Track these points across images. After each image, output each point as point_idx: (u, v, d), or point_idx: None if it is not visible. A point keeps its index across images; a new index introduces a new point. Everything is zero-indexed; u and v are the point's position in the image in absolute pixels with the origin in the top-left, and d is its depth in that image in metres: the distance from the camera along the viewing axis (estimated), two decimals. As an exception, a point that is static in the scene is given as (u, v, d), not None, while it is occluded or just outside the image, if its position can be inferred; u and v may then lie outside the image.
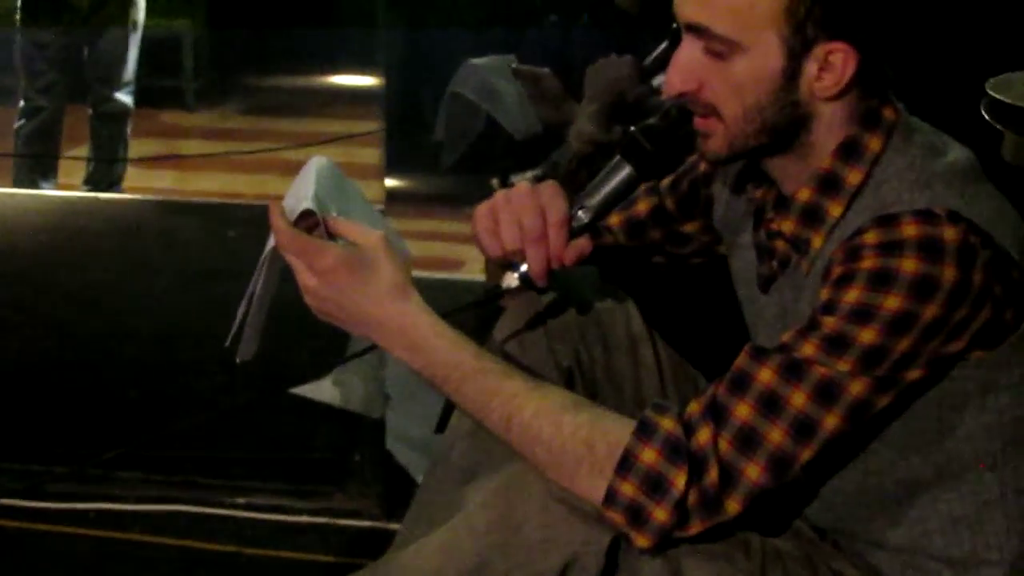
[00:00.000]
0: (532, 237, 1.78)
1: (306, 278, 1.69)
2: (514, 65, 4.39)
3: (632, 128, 1.77)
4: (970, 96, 1.55)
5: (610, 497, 1.60)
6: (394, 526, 2.27)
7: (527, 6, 5.20)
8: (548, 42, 4.83)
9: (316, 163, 1.96)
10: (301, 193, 1.84)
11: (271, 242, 1.74)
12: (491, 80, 4.42)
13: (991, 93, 0.92)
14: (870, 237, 1.58)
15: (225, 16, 7.70)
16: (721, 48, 1.63)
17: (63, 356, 3.50)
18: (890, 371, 1.58)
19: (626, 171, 1.78)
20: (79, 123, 5.62)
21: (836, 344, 1.57)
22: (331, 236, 1.73)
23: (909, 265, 1.55)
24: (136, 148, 5.75)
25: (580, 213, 1.80)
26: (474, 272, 3.88)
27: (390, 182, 5.14)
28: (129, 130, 5.65)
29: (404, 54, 5.29)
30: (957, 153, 1.69)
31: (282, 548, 2.52)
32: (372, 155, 5.32)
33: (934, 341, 1.58)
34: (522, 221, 1.78)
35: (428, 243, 4.59)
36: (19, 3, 5.38)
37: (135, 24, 5.47)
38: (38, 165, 5.50)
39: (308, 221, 1.74)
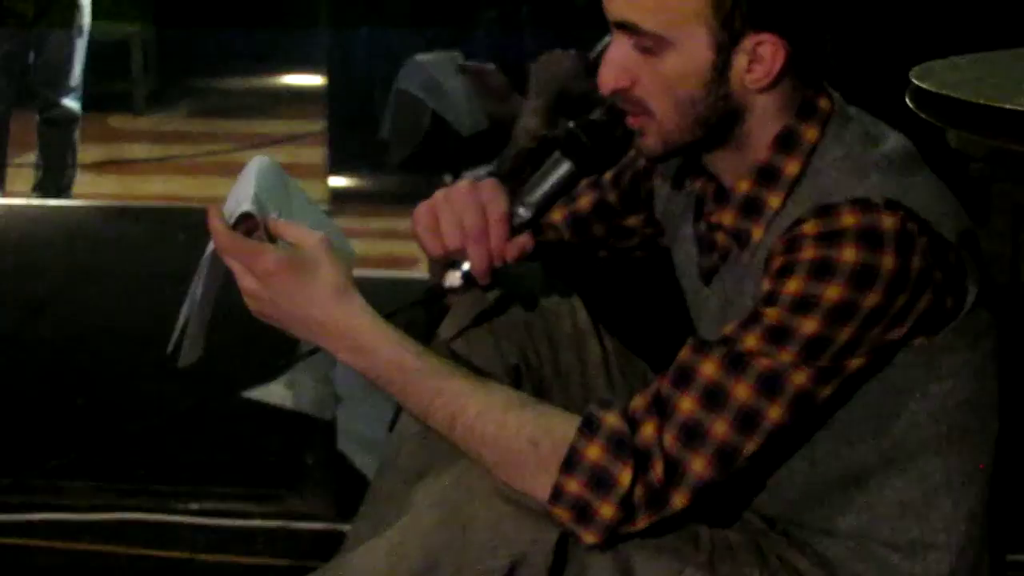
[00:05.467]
0: (473, 235, 1.77)
1: (246, 281, 1.68)
2: (460, 61, 4.39)
3: (571, 123, 1.77)
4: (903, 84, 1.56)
5: (556, 495, 1.60)
6: (348, 527, 2.25)
7: (471, 1, 5.22)
8: (493, 37, 4.84)
9: (258, 163, 1.93)
10: (241, 195, 1.82)
11: (210, 247, 1.73)
12: (437, 76, 4.42)
13: (914, 81, 0.93)
14: (809, 228, 1.58)
15: (171, 19, 7.68)
16: (650, 44, 1.63)
17: (8, 363, 3.46)
18: (833, 360, 1.59)
19: (566, 166, 1.78)
20: (26, 129, 5.58)
21: (778, 335, 1.57)
22: (271, 238, 1.72)
23: (848, 254, 1.55)
24: (84, 153, 5.71)
25: (521, 210, 1.79)
26: (424, 271, 3.88)
27: (334, 181, 5.15)
28: (77, 135, 5.61)
29: (347, 53, 5.29)
30: (894, 141, 1.70)
31: (235, 553, 2.51)
32: (317, 155, 5.33)
33: (876, 329, 1.59)
34: (463, 219, 1.77)
35: (379, 241, 4.59)
36: (-39, 9, 5.35)
37: (80, 28, 5.44)
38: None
39: (248, 223, 1.72)
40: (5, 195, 5.45)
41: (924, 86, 0.96)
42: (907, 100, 0.98)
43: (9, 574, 2.47)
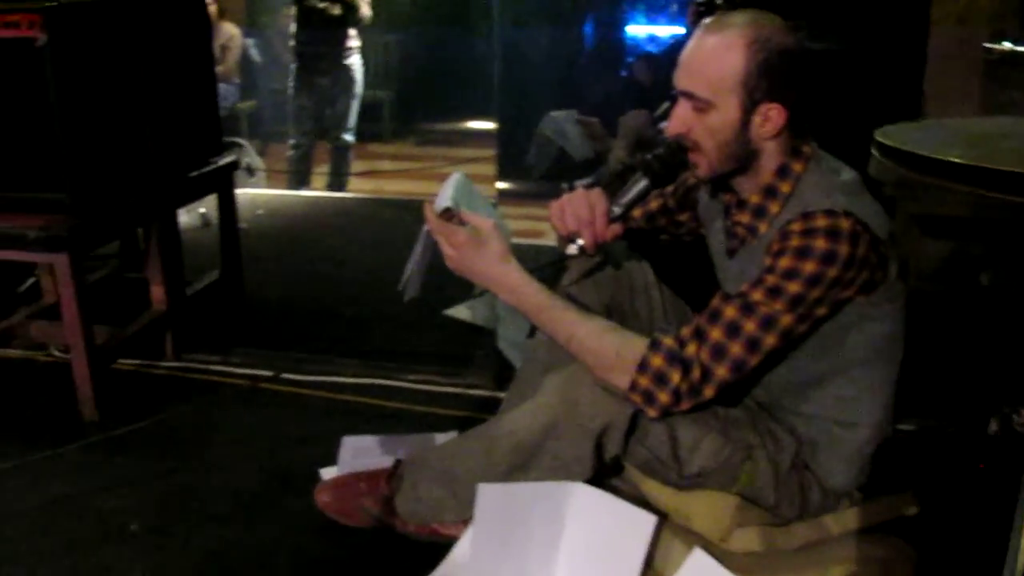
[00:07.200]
0: (585, 222, 1.71)
1: (447, 249, 1.66)
2: (576, 116, 4.34)
3: (648, 155, 1.70)
4: (861, 140, 1.46)
5: (632, 386, 1.56)
6: (501, 395, 2.21)
7: (585, 79, 5.20)
8: (596, 101, 4.80)
9: (455, 176, 1.97)
10: (444, 195, 1.83)
11: (425, 227, 1.72)
12: (562, 125, 4.40)
13: (878, 138, 0.85)
14: (796, 226, 1.52)
15: (406, 89, 7.77)
16: (702, 105, 1.58)
17: (313, 290, 3.47)
18: (807, 309, 1.52)
19: (644, 182, 1.71)
20: (322, 152, 5.63)
21: (774, 292, 1.51)
22: (462, 223, 1.69)
23: (820, 243, 1.49)
24: (355, 166, 5.76)
25: (615, 208, 1.73)
26: (550, 240, 3.89)
27: (501, 185, 5.19)
28: (351, 155, 5.65)
29: (510, 108, 5.31)
30: (848, 173, 1.63)
31: (434, 406, 2.48)
32: (490, 169, 5.38)
33: (834, 290, 1.52)
34: (579, 212, 1.72)
35: (524, 221, 4.55)
36: (290, 83, 5.40)
37: (355, 93, 5.46)
38: (301, 178, 5.52)
39: (448, 213, 1.71)
40: (311, 190, 5.50)
41: (884, 141, 0.88)
42: (872, 151, 0.90)
43: (302, 411, 2.47)
